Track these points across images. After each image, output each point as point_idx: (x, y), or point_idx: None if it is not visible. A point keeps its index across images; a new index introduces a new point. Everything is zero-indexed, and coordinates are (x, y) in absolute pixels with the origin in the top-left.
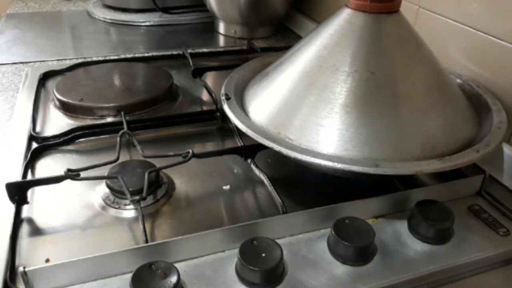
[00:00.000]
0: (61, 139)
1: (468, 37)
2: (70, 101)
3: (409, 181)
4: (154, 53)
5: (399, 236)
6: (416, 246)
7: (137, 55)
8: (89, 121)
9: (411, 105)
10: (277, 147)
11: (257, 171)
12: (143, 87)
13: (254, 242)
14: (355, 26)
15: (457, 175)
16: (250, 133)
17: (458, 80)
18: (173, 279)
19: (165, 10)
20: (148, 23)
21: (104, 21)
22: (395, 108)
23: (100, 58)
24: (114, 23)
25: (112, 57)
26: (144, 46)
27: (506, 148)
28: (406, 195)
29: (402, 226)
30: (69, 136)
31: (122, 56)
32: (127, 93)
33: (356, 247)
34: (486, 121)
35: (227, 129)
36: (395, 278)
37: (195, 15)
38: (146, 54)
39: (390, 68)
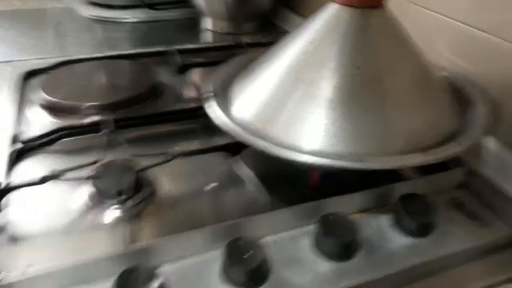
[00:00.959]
0: (45, 139)
1: (454, 31)
2: (55, 100)
3: (394, 175)
4: (140, 50)
5: (383, 230)
6: (399, 240)
7: (122, 52)
8: (73, 120)
9: (395, 100)
10: (258, 146)
11: (244, 168)
12: (127, 85)
13: (239, 241)
14: (342, 21)
15: (440, 168)
16: (228, 129)
17: (444, 74)
18: (157, 282)
19: (151, 6)
20: (133, 20)
21: (89, 18)
22: (380, 103)
23: (85, 56)
24: (99, 20)
25: (97, 55)
26: (129, 43)
27: (488, 141)
28: (390, 189)
29: (386, 220)
30: (53, 136)
31: (107, 54)
32: (112, 91)
33: (340, 243)
34: (470, 114)
35: (214, 126)
36: (379, 273)
37: (181, 11)
38: (131, 51)
39: (375, 63)
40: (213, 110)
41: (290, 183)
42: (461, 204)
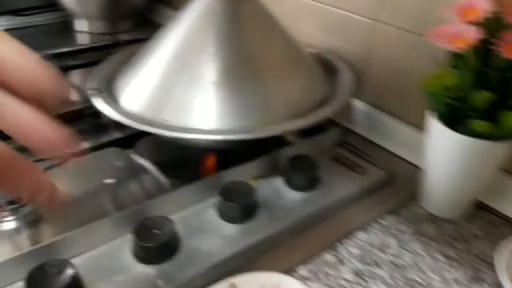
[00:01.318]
0: None
1: (317, 12)
2: None
3: (282, 142)
4: None
5: (277, 190)
6: (292, 196)
7: None
8: None
9: (272, 75)
10: (154, 130)
11: (139, 159)
12: None
13: (146, 222)
14: (215, 9)
15: (320, 131)
16: (125, 121)
17: (312, 51)
18: (69, 272)
19: (15, 12)
20: None
21: None
22: (259, 80)
23: None
24: None
25: None
26: None
27: (356, 103)
28: (278, 154)
29: (278, 181)
30: None
31: None
32: None
33: (241, 206)
34: (338, 82)
35: (101, 125)
36: (278, 226)
37: (50, 15)
38: None
39: (250, 46)
40: (102, 106)
41: (187, 166)
42: (341, 158)
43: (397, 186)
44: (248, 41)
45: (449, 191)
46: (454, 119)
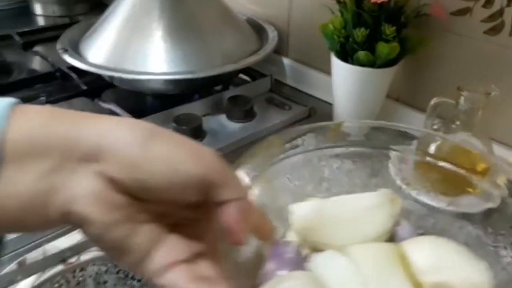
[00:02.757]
0: None
1: None
2: None
3: (224, 86)
4: None
5: (221, 122)
6: (233, 126)
7: None
8: None
9: (209, 31)
10: (118, 74)
11: (106, 105)
12: None
13: None
14: None
15: (255, 79)
16: (92, 69)
17: (244, 17)
18: None
19: None
20: None
21: None
22: (198, 34)
23: None
24: None
25: None
26: None
27: (285, 60)
28: (221, 95)
29: (222, 117)
30: None
31: None
32: None
33: (190, 130)
34: (265, 39)
35: (69, 86)
36: (222, 145)
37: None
38: None
39: (191, 8)
40: (72, 60)
41: (144, 108)
42: (272, 100)
43: (316, 119)
44: (189, 5)
45: (351, 115)
46: (345, 55)
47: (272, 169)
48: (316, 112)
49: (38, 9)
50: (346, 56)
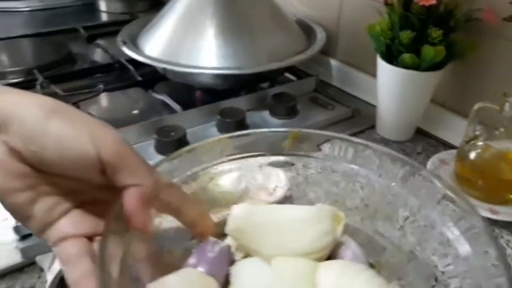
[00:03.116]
0: None
1: None
2: None
3: (270, 83)
4: (49, 29)
5: (264, 118)
6: (275, 122)
7: (34, 32)
8: (3, 83)
9: (259, 30)
10: (170, 67)
11: (158, 96)
12: (43, 54)
13: (164, 128)
14: None
15: (301, 78)
16: (147, 61)
17: (294, 17)
18: None
19: None
20: (29, 8)
21: None
22: (249, 33)
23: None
24: None
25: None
26: (30, 29)
27: (332, 61)
28: (266, 92)
29: (265, 113)
30: None
31: (20, 34)
32: (30, 59)
33: (234, 123)
34: (313, 40)
35: (126, 77)
36: None
37: None
38: (43, 30)
39: (242, 8)
40: (130, 52)
41: (195, 103)
42: (316, 100)
43: (359, 120)
44: (241, 4)
45: (394, 118)
46: (391, 57)
47: None
48: (360, 113)
49: (102, 6)
50: (391, 58)
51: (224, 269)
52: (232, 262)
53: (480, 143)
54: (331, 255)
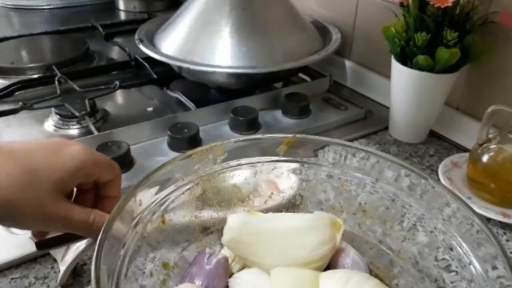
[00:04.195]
0: (3, 92)
1: None
2: (1, 64)
3: (284, 83)
4: (68, 27)
5: (276, 117)
6: (288, 121)
7: (53, 29)
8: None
9: (274, 30)
10: (185, 65)
11: (173, 94)
12: (61, 51)
13: (178, 125)
14: None
15: (314, 79)
16: (163, 59)
17: (310, 18)
18: (124, 148)
19: None
20: (50, 6)
21: (5, 7)
22: (264, 33)
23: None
24: (17, 8)
25: (28, 32)
26: (50, 26)
27: (347, 62)
28: (279, 91)
29: (278, 112)
30: (10, 89)
31: (39, 31)
32: (49, 56)
33: (247, 121)
34: (328, 41)
35: (142, 75)
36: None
37: None
38: (62, 28)
39: (258, 8)
40: (146, 50)
41: (208, 101)
42: (330, 100)
43: (372, 121)
44: (256, 4)
45: (407, 120)
46: (405, 58)
47: None
48: (373, 114)
49: (121, 4)
50: (406, 59)
51: (222, 281)
52: (230, 274)
53: (493, 146)
54: (330, 263)
